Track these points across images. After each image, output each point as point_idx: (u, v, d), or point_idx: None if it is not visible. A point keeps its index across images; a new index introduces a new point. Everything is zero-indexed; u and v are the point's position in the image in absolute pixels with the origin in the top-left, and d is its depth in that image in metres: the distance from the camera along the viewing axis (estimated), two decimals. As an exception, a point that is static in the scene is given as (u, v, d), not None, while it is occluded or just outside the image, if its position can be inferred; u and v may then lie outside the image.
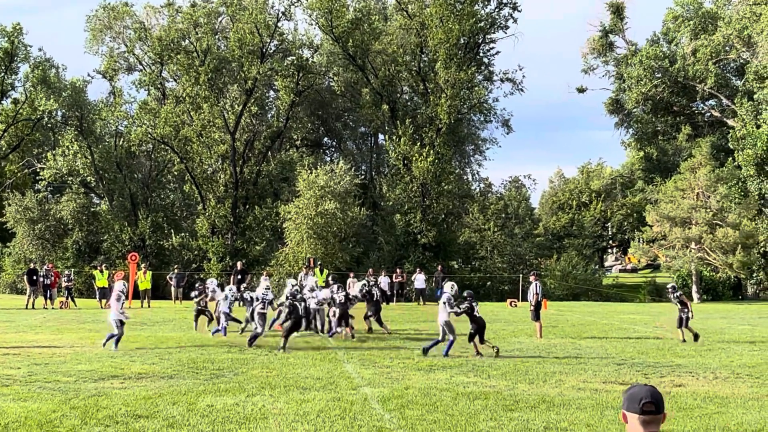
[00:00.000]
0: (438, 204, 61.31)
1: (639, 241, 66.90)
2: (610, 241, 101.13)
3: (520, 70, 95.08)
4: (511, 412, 14.13)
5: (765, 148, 60.25)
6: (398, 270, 50.97)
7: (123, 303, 23.75)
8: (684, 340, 26.26)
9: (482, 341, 22.65)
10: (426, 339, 26.64)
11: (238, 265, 46.19)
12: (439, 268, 51.89)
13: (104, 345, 22.92)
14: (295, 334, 24.46)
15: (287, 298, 25.04)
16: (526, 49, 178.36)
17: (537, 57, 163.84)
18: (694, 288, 58.11)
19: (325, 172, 57.49)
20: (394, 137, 60.81)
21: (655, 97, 70.47)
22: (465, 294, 23.36)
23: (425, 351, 22.54)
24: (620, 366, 20.37)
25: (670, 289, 28.45)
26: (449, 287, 23.25)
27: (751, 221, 57.07)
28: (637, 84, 69.49)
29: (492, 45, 65.30)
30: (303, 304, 24.95)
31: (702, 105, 74.63)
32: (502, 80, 69.21)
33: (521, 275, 54.78)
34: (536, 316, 27.77)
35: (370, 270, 47.62)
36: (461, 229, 65.79)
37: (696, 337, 26.29)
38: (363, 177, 68.15)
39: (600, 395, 16.00)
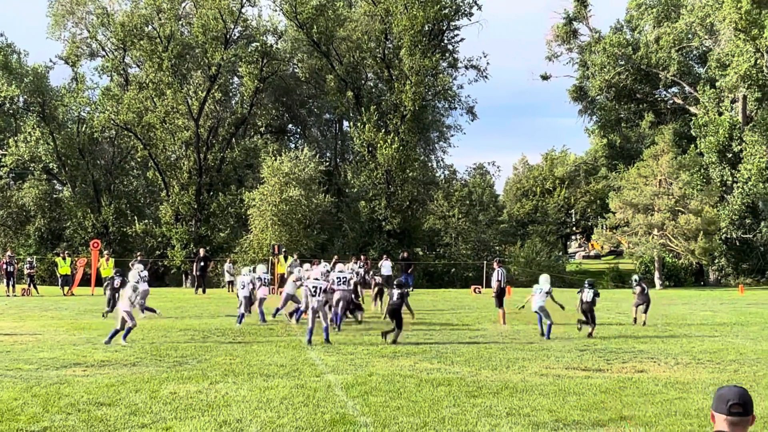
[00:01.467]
0: (402, 191, 61.34)
1: (602, 228, 67.29)
2: (574, 228, 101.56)
3: (485, 57, 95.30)
4: (474, 399, 14.19)
5: (727, 136, 60.81)
6: (363, 257, 50.87)
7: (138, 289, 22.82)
8: (635, 320, 27.86)
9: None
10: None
11: (201, 251, 46.10)
12: (404, 254, 51.90)
13: (108, 341, 21.34)
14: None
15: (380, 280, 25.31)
16: (491, 37, 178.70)
17: (502, 44, 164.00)
18: (656, 274, 58.55)
19: (290, 158, 57.41)
20: (359, 124, 60.80)
21: (619, 84, 70.81)
22: (585, 282, 25.66)
23: (544, 336, 24.23)
24: (582, 352, 20.51)
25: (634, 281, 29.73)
26: (545, 279, 25.21)
27: (713, 208, 57.51)
28: (600, 71, 69.79)
29: (456, 32, 65.31)
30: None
31: (665, 92, 75.16)
32: (466, 67, 69.22)
33: (485, 262, 54.96)
34: (500, 303, 27.88)
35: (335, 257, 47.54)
36: (426, 215, 65.99)
37: (644, 323, 27.43)
38: (328, 164, 68.01)
39: (562, 381, 16.10)
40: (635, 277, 30.37)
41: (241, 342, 21.96)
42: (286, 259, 40.90)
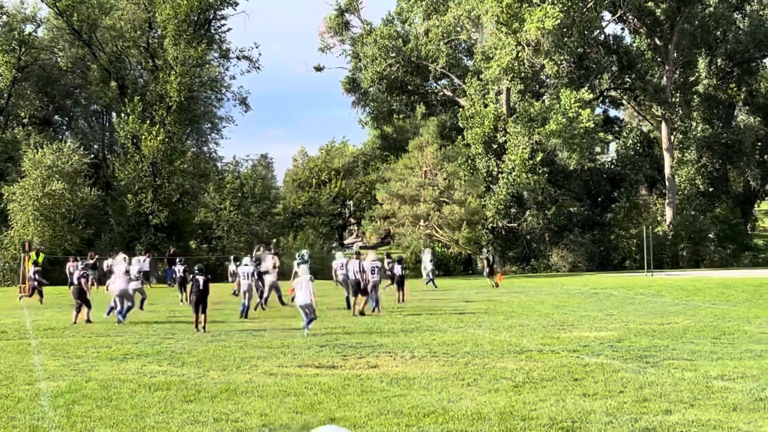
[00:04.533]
0: (170, 183, 60.15)
1: (370, 219, 67.88)
2: (351, 219, 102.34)
3: (257, 47, 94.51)
4: (188, 404, 13.58)
5: (492, 127, 62.30)
6: (121, 252, 49.51)
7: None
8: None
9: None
10: (148, 322, 25.82)
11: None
12: (171, 249, 50.90)
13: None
14: None
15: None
16: (267, 27, 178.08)
17: (279, 34, 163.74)
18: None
19: (53, 151, 55.77)
20: (123, 115, 59.28)
21: (390, 76, 71.59)
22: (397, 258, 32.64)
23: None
24: (322, 348, 20.15)
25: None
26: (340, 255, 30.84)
27: (478, 198, 58.82)
28: (372, 63, 70.39)
29: (224, 21, 64.29)
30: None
31: (435, 84, 76.44)
32: (238, 58, 68.40)
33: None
34: (364, 292, 29.13)
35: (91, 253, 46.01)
36: (198, 208, 65.02)
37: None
38: (94, 156, 66.09)
39: (289, 381, 15.65)
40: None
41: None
42: (37, 255, 39.23)
